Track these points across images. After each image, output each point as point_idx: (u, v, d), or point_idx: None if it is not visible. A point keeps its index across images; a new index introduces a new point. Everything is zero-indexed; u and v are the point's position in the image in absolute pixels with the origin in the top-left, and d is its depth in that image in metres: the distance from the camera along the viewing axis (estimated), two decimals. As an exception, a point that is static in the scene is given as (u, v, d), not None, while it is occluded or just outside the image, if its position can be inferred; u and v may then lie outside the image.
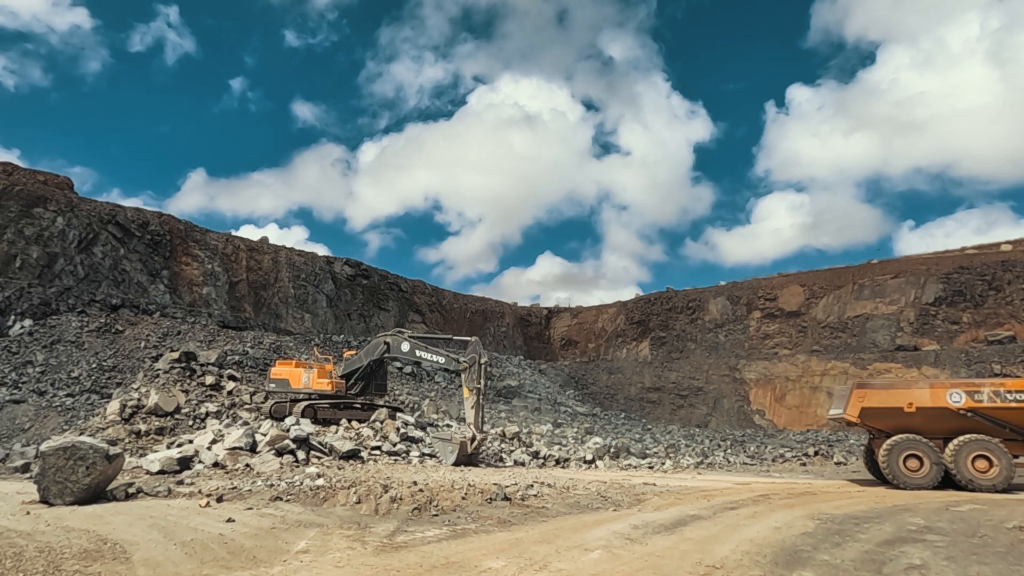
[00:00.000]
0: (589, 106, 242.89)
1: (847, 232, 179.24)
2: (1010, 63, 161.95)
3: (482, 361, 19.46)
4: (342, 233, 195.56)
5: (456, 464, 18.14)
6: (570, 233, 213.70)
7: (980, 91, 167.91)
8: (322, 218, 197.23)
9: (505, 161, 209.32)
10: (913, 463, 15.37)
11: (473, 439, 18.47)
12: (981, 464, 14.82)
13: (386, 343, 21.91)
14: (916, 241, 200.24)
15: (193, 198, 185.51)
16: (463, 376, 19.69)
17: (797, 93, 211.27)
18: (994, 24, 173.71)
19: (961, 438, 15.04)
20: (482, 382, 19.39)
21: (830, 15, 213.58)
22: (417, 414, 23.80)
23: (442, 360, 20.87)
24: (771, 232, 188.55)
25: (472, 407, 18.96)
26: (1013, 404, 14.88)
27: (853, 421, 16.17)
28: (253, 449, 15.63)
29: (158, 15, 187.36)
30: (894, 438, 15.67)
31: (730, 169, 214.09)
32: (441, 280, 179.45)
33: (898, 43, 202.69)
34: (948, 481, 15.36)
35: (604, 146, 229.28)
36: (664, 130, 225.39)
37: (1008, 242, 62.37)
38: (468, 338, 20.64)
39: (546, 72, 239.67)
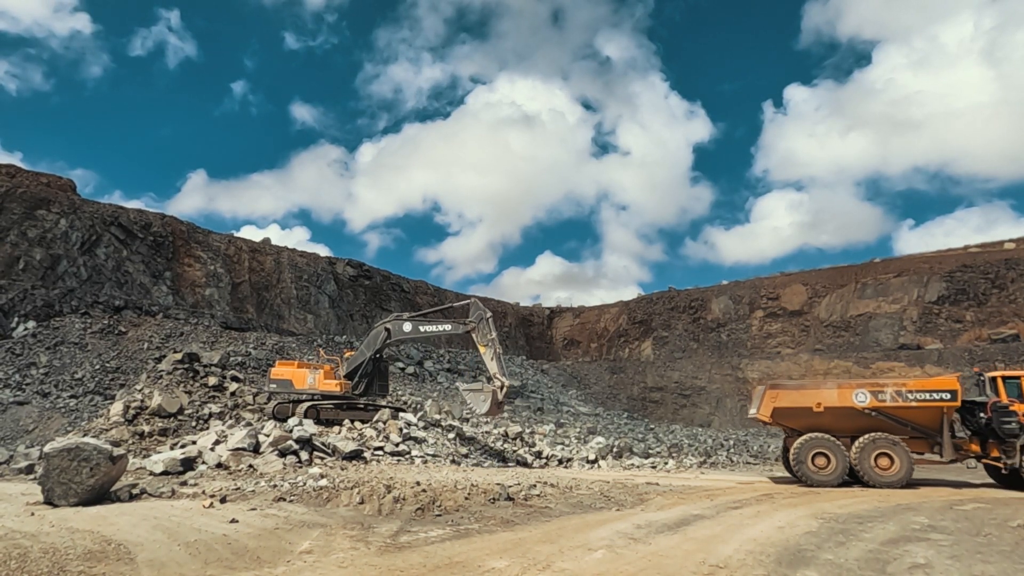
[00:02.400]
0: (587, 106, 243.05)
1: (846, 231, 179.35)
2: (1005, 62, 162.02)
3: (487, 316, 20.04)
4: (341, 234, 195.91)
5: (488, 413, 19.36)
6: (570, 233, 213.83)
7: (976, 90, 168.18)
8: (321, 219, 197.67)
9: (504, 161, 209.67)
10: (821, 460, 15.82)
11: (502, 387, 19.24)
12: (884, 462, 15.35)
13: (387, 329, 21.87)
14: (916, 240, 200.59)
15: (193, 199, 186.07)
16: (474, 336, 20.16)
17: (795, 93, 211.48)
18: (988, 23, 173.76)
19: (865, 437, 15.55)
20: (493, 333, 19.92)
21: (821, 16, 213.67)
22: (420, 414, 23.78)
23: (448, 327, 21.24)
24: (770, 231, 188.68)
25: (492, 359, 19.58)
26: (914, 403, 15.43)
27: (766, 421, 16.66)
28: (256, 450, 15.64)
29: (159, 19, 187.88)
30: (803, 437, 16.16)
31: (729, 169, 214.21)
32: (441, 280, 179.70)
33: (892, 42, 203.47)
34: (853, 478, 15.97)
35: (603, 146, 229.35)
36: (663, 130, 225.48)
37: (1011, 240, 62.22)
38: (464, 302, 21.15)
39: (543, 72, 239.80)
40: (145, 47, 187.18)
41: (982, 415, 15.66)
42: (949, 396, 15.32)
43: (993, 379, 16.00)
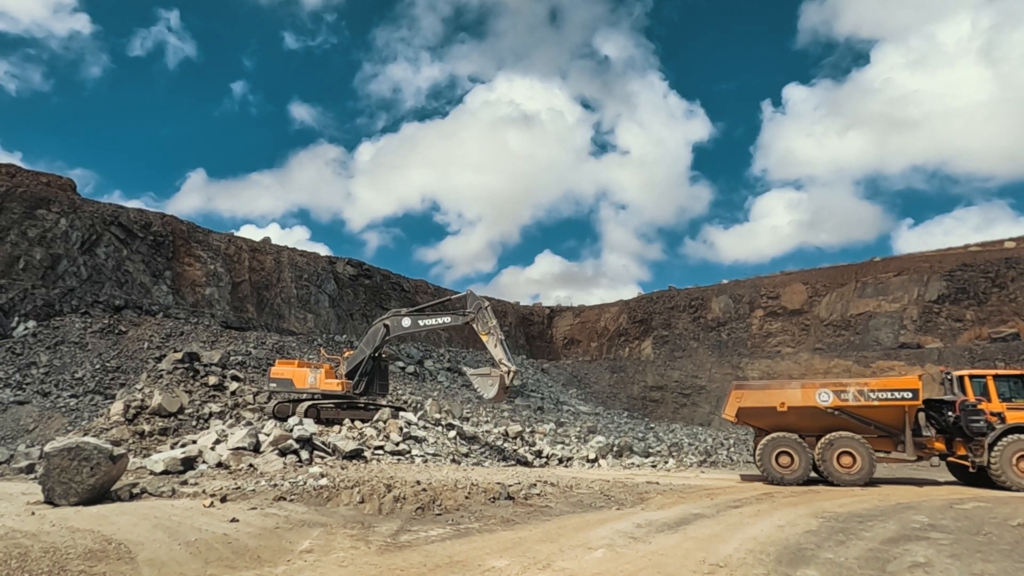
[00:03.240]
0: (586, 105, 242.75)
1: (845, 229, 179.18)
2: (1002, 62, 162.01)
3: (484, 305, 20.32)
4: (340, 233, 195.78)
5: (495, 399, 19.67)
6: (569, 232, 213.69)
7: (974, 89, 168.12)
8: (320, 218, 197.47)
9: (503, 160, 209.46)
10: (785, 459, 16.07)
11: (509, 372, 19.47)
12: (846, 460, 15.56)
13: (385, 326, 21.90)
14: (915, 239, 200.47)
15: (192, 199, 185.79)
16: (474, 326, 20.39)
17: (793, 92, 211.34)
18: (985, 23, 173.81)
19: (828, 436, 15.76)
20: (493, 321, 20.16)
21: (818, 16, 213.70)
22: (420, 413, 23.78)
23: (447, 319, 21.44)
24: (769, 230, 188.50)
25: (496, 346, 19.88)
26: (876, 402, 15.60)
27: (733, 420, 16.97)
28: (256, 449, 15.65)
29: (159, 20, 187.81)
30: (768, 436, 16.39)
31: (728, 168, 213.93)
32: (440, 279, 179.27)
33: (890, 42, 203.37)
34: (816, 477, 16.22)
35: (602, 145, 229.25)
36: (662, 129, 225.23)
37: (1012, 239, 62.21)
38: (460, 293, 21.38)
39: (541, 71, 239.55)
40: (145, 47, 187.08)
41: (950, 414, 15.83)
42: (911, 395, 15.47)
43: (960, 378, 16.22)
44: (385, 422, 20.63)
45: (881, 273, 62.67)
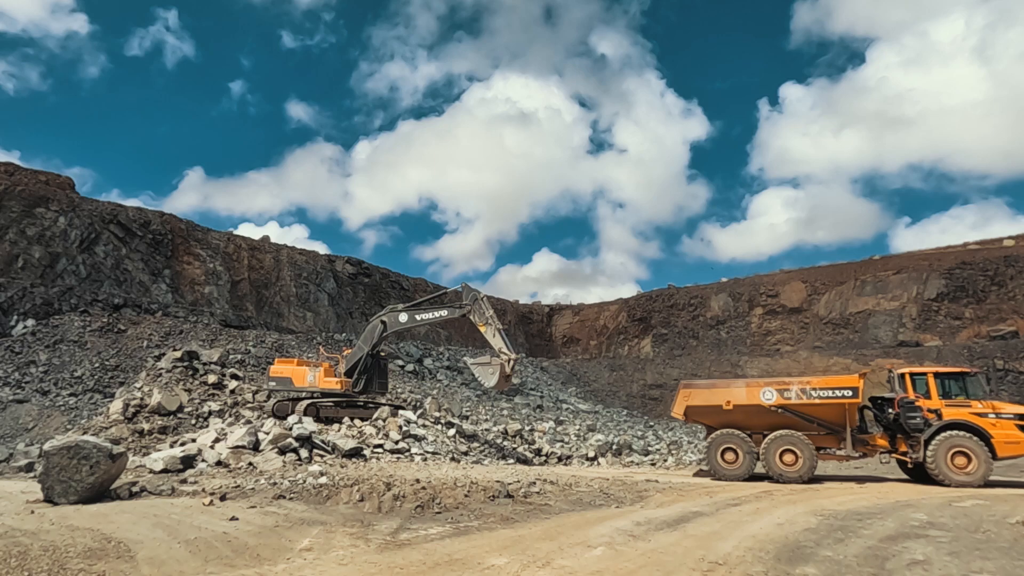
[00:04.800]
0: (582, 103, 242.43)
1: (842, 227, 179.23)
2: (996, 60, 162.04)
3: (481, 296, 20.51)
4: (338, 232, 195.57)
5: (496, 386, 19.75)
6: (566, 230, 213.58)
7: (969, 88, 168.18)
8: (317, 217, 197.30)
9: (500, 159, 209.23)
10: (730, 456, 16.45)
11: (509, 360, 19.52)
12: (788, 457, 15.83)
13: (383, 322, 21.91)
14: (912, 238, 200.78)
15: (189, 197, 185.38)
16: (472, 318, 20.53)
17: (790, 91, 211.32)
18: (979, 21, 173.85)
19: (772, 434, 16.03)
20: (490, 311, 20.32)
21: (811, 15, 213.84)
22: (419, 412, 23.79)
23: (444, 312, 21.58)
24: (766, 227, 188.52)
25: (494, 335, 19.99)
26: (818, 400, 15.85)
27: (681, 418, 17.37)
28: (256, 448, 15.65)
29: (157, 20, 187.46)
30: (715, 433, 16.80)
31: (725, 167, 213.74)
32: (438, 277, 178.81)
33: (885, 40, 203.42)
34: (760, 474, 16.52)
35: (599, 144, 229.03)
36: (659, 128, 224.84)
37: (1011, 237, 62.26)
38: (456, 288, 21.47)
39: (537, 70, 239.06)
40: (143, 47, 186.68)
41: (890, 411, 16.13)
42: (851, 393, 15.68)
43: (902, 376, 16.43)
44: (384, 420, 20.64)
45: (880, 271, 62.71)
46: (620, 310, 78.57)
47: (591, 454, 23.23)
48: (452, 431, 22.61)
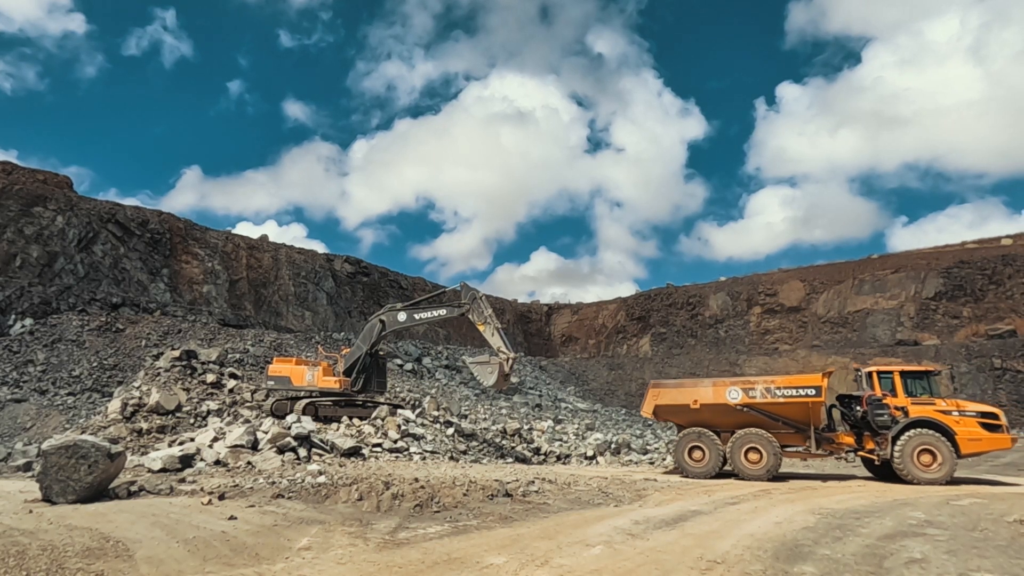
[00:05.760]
0: (580, 103, 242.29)
1: (840, 226, 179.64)
2: (991, 60, 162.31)
3: (479, 295, 20.51)
4: (335, 231, 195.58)
5: (495, 385, 19.70)
6: (564, 229, 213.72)
7: (964, 87, 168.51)
8: (314, 216, 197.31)
9: (498, 158, 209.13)
10: (697, 454, 16.78)
11: (508, 359, 19.53)
12: (753, 455, 16.12)
13: (381, 321, 21.89)
14: (909, 237, 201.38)
15: (187, 196, 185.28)
16: (470, 317, 20.54)
17: (787, 91, 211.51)
18: (974, 21, 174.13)
19: (738, 432, 16.33)
20: (488, 310, 20.32)
21: (805, 14, 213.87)
22: (418, 411, 23.79)
23: (443, 311, 21.61)
24: (763, 226, 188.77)
25: (493, 334, 19.97)
26: (782, 399, 16.13)
27: (650, 417, 17.65)
28: (255, 447, 15.65)
29: (155, 19, 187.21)
30: (683, 431, 17.15)
31: (722, 166, 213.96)
32: (435, 276, 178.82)
33: (880, 40, 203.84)
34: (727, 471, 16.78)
35: (596, 143, 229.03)
36: (656, 127, 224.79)
37: (1008, 236, 62.33)
38: (454, 287, 21.50)
39: (534, 69, 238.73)
40: (140, 47, 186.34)
41: (858, 408, 16.31)
42: (814, 392, 15.89)
43: (869, 374, 16.62)
44: (383, 419, 20.64)
45: (878, 270, 62.78)
46: (619, 309, 78.60)
47: (590, 453, 23.24)
48: (451, 430, 22.61)
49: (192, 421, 19.91)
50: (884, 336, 58.40)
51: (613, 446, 24.83)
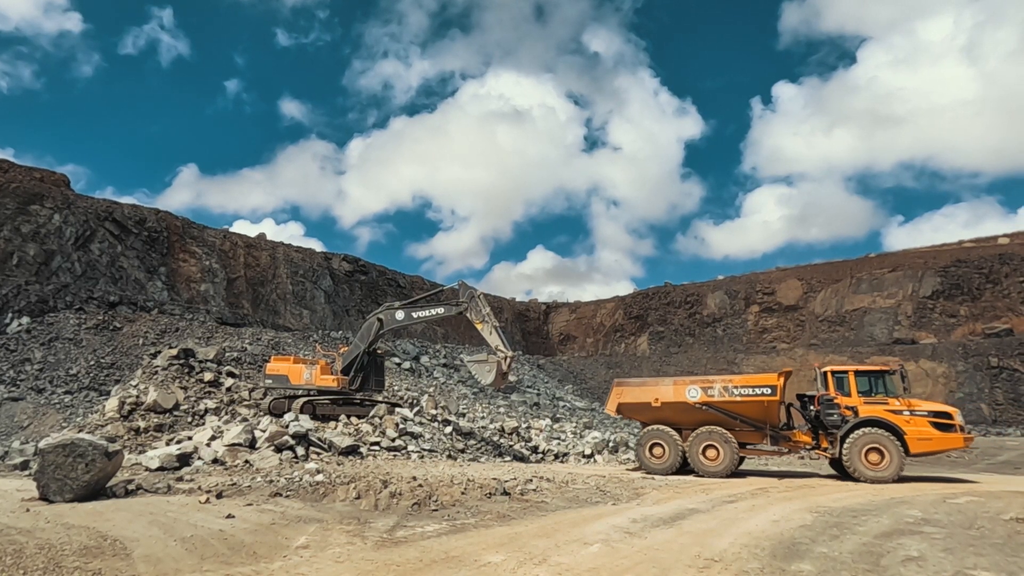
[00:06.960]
0: (576, 101, 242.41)
1: (836, 225, 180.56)
2: (985, 59, 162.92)
3: (477, 294, 20.51)
4: (332, 230, 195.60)
5: (493, 384, 19.69)
6: (561, 228, 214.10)
7: (959, 87, 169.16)
8: (311, 215, 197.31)
9: (494, 156, 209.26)
10: (658, 451, 17.20)
11: (506, 357, 19.55)
12: (711, 453, 16.44)
13: (379, 320, 21.86)
14: (905, 236, 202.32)
15: (183, 194, 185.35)
16: (468, 315, 20.52)
17: (783, 90, 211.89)
18: (968, 21, 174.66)
19: (697, 431, 16.64)
20: (486, 309, 20.30)
21: (798, 14, 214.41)
22: (416, 409, 23.78)
23: (440, 310, 21.61)
24: (760, 225, 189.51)
25: (491, 333, 19.96)
26: (739, 398, 16.41)
27: (614, 415, 18.06)
28: (252, 445, 15.62)
29: (152, 18, 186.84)
30: (645, 429, 17.49)
31: (718, 165, 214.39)
32: (432, 275, 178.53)
33: (874, 39, 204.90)
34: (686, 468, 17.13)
35: (593, 141, 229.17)
36: (653, 126, 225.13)
37: (1005, 235, 62.50)
38: (452, 285, 21.51)
39: (530, 67, 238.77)
40: (137, 46, 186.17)
41: (812, 408, 16.60)
42: (770, 391, 16.15)
43: (825, 373, 16.79)
44: (381, 418, 20.64)
45: (876, 269, 62.90)
46: (617, 308, 78.65)
47: (588, 451, 23.26)
48: (449, 429, 22.61)
49: (190, 420, 19.88)
50: (881, 335, 58.52)
51: (611, 445, 24.85)
